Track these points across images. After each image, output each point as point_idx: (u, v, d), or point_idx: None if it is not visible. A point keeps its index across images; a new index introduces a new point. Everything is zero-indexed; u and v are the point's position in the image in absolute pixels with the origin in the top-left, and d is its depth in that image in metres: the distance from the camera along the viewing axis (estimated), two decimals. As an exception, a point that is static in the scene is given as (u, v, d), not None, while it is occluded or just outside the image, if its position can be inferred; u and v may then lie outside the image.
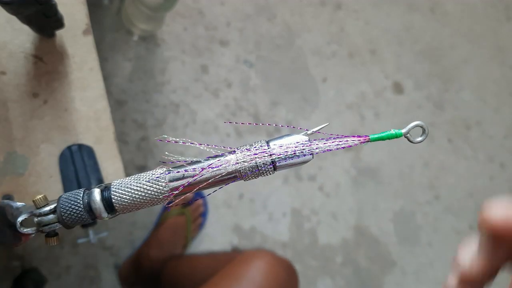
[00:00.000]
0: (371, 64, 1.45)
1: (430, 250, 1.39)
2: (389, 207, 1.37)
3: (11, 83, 0.44)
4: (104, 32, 1.17)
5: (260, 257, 0.72)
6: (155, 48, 1.22)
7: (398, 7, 1.53)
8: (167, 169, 0.26)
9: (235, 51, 1.31)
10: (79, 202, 0.24)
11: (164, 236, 1.10)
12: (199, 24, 1.28)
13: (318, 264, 1.29)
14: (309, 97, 1.37)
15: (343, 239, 1.32)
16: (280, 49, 1.36)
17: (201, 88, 1.25)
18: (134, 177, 0.26)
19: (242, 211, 1.24)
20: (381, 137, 0.25)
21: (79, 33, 0.47)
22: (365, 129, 1.39)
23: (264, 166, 0.25)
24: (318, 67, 1.39)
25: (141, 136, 1.17)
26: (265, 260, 0.71)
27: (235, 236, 1.22)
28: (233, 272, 0.72)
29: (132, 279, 1.09)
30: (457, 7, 1.60)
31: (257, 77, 1.32)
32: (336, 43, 1.43)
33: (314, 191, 1.32)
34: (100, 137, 0.46)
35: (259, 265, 0.70)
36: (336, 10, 1.45)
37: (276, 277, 0.70)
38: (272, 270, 0.70)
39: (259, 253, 0.74)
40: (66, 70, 0.46)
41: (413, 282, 1.36)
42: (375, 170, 1.38)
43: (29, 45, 0.45)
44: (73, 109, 0.45)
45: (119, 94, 1.17)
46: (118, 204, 0.25)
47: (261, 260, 0.71)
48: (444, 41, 1.55)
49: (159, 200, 0.25)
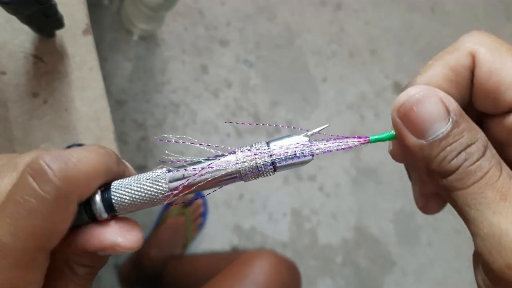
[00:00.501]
0: (371, 64, 1.45)
1: (430, 250, 1.39)
2: (389, 207, 1.37)
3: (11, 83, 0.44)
4: (104, 32, 1.17)
5: (263, 257, 0.73)
6: (155, 48, 1.22)
7: (398, 7, 1.53)
8: (167, 169, 0.26)
9: (235, 51, 1.31)
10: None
11: (164, 236, 1.10)
12: (199, 24, 1.28)
13: (318, 264, 1.29)
14: (309, 97, 1.37)
15: (343, 239, 1.33)
16: (280, 49, 1.36)
17: (201, 88, 1.25)
18: (134, 177, 0.26)
19: (242, 211, 1.24)
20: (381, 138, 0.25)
21: (79, 33, 0.47)
22: (365, 129, 1.39)
23: (264, 166, 0.25)
24: (318, 67, 1.39)
25: (141, 136, 1.17)
26: (268, 260, 0.72)
27: (235, 236, 1.22)
28: (236, 272, 0.72)
29: (132, 279, 1.09)
30: (457, 7, 1.60)
31: (257, 77, 1.32)
32: (336, 43, 1.43)
33: (314, 191, 1.32)
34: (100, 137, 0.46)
35: (262, 265, 0.70)
36: (336, 10, 1.45)
37: (279, 277, 0.70)
38: (275, 270, 0.71)
39: (262, 253, 0.74)
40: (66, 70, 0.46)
41: (413, 282, 1.37)
42: (375, 170, 1.38)
43: (29, 45, 0.45)
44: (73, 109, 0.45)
45: (119, 94, 1.17)
46: (118, 205, 0.25)
47: (264, 260, 0.72)
48: (444, 41, 1.55)
49: (159, 200, 0.25)
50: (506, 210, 0.20)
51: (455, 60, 0.24)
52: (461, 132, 0.21)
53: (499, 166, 0.21)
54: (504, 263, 0.19)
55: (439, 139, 0.21)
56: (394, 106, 0.23)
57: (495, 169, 0.21)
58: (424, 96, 0.22)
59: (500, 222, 0.20)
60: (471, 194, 0.21)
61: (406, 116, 0.22)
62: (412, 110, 0.22)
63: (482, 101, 0.24)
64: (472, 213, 0.21)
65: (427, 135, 0.21)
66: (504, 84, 0.22)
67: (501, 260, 0.19)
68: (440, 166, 0.21)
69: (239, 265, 0.73)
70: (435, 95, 0.22)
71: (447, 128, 0.21)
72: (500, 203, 0.20)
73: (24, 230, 0.20)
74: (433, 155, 0.21)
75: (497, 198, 0.20)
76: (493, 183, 0.20)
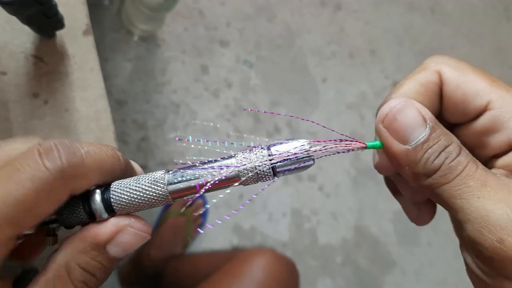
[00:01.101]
0: (371, 64, 1.45)
1: (430, 250, 1.39)
2: (389, 207, 1.37)
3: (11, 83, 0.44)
4: (105, 32, 1.17)
5: (261, 255, 0.73)
6: (155, 48, 1.22)
7: (398, 7, 1.53)
8: (166, 171, 0.26)
9: (235, 51, 1.31)
10: (79, 202, 0.24)
11: (165, 236, 1.10)
12: (199, 24, 1.28)
13: (318, 264, 1.29)
14: (309, 97, 1.37)
15: (343, 239, 1.33)
16: (280, 49, 1.36)
17: (201, 89, 1.25)
18: (134, 178, 0.26)
19: (242, 211, 1.24)
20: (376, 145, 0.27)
21: (80, 33, 0.47)
22: (365, 129, 1.39)
23: (264, 171, 0.25)
24: (318, 67, 1.39)
25: (141, 136, 1.17)
26: (266, 258, 0.72)
27: (235, 236, 1.22)
28: (235, 269, 0.72)
29: (132, 279, 1.09)
30: (457, 7, 1.60)
31: (257, 77, 1.32)
32: (336, 43, 1.43)
33: (314, 191, 1.32)
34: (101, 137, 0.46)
35: (261, 263, 0.71)
36: (336, 10, 1.45)
37: (277, 274, 0.71)
38: (273, 267, 0.71)
39: (261, 251, 0.75)
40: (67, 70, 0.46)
41: (413, 282, 1.37)
42: (375, 171, 1.38)
43: (29, 46, 0.45)
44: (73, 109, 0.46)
45: (119, 94, 1.17)
46: (117, 205, 0.25)
47: (262, 258, 0.72)
48: (444, 41, 1.55)
49: (158, 201, 0.25)
50: (488, 194, 0.23)
51: (424, 77, 0.28)
52: (438, 136, 0.24)
53: (475, 161, 0.24)
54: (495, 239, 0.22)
55: (421, 143, 0.24)
56: (379, 117, 0.26)
57: (472, 163, 0.24)
58: (404, 106, 0.25)
59: (485, 204, 0.22)
60: (455, 186, 0.23)
61: (391, 124, 0.25)
62: (395, 119, 0.25)
63: (452, 112, 0.28)
64: (458, 202, 0.23)
65: (409, 141, 0.24)
66: (471, 94, 0.26)
67: (491, 237, 0.22)
68: (425, 167, 0.24)
69: (237, 263, 0.74)
70: (412, 105, 0.25)
71: (426, 133, 0.24)
72: (482, 189, 0.23)
73: (8, 197, 0.20)
74: (418, 158, 0.24)
75: (479, 185, 0.23)
76: (473, 174, 0.23)
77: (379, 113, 0.26)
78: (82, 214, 0.24)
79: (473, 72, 0.27)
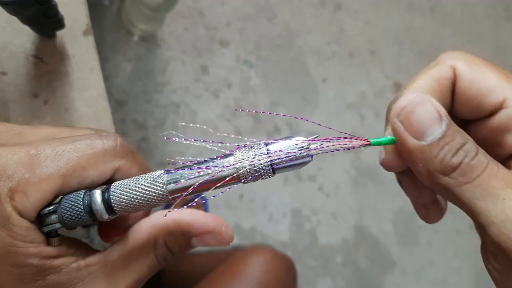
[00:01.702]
0: (371, 64, 1.45)
1: (430, 250, 1.39)
2: (389, 207, 1.37)
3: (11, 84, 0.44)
4: (105, 32, 1.17)
5: (259, 253, 0.73)
6: (155, 48, 1.22)
7: (398, 7, 1.53)
8: (165, 171, 0.26)
9: (235, 51, 1.31)
10: (79, 202, 0.24)
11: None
12: (199, 24, 1.28)
13: (318, 264, 1.29)
14: (309, 97, 1.37)
15: (343, 239, 1.33)
16: (280, 49, 1.36)
17: (201, 89, 1.25)
18: (134, 178, 0.26)
19: (242, 211, 1.24)
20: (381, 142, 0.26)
21: (80, 33, 0.47)
22: (365, 129, 1.39)
23: (263, 169, 0.25)
24: (318, 67, 1.39)
25: (141, 136, 1.17)
26: (264, 256, 0.72)
27: (235, 236, 1.22)
28: (233, 268, 0.72)
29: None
30: (457, 7, 1.60)
31: (257, 77, 1.32)
32: (336, 43, 1.43)
33: (314, 191, 1.32)
34: (101, 138, 0.46)
35: (258, 261, 0.71)
36: (336, 10, 1.45)
37: (275, 273, 0.71)
38: (271, 266, 0.71)
39: (258, 249, 0.75)
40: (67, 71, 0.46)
41: (413, 282, 1.37)
42: (375, 170, 1.38)
43: (29, 46, 0.45)
44: (73, 109, 0.46)
45: (119, 95, 1.17)
46: (117, 205, 0.25)
47: (260, 256, 0.72)
48: (444, 41, 1.55)
49: (158, 201, 0.26)
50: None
51: (438, 72, 0.26)
52: (453, 133, 0.23)
53: (494, 160, 0.23)
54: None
55: (437, 140, 0.23)
56: (394, 111, 0.24)
57: (493, 162, 0.23)
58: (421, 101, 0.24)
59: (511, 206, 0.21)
60: (477, 187, 0.22)
61: (407, 119, 0.24)
62: (413, 113, 0.23)
63: (465, 108, 0.27)
64: (481, 204, 0.22)
65: (425, 137, 0.23)
66: (485, 91, 0.25)
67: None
68: (442, 164, 0.23)
69: (235, 261, 0.74)
70: (429, 100, 0.24)
71: (442, 129, 0.23)
72: (507, 190, 0.22)
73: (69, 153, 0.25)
74: (433, 155, 0.23)
75: (503, 185, 0.22)
76: (495, 174, 0.22)
77: (395, 107, 0.24)
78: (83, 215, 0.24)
79: (488, 68, 0.26)
